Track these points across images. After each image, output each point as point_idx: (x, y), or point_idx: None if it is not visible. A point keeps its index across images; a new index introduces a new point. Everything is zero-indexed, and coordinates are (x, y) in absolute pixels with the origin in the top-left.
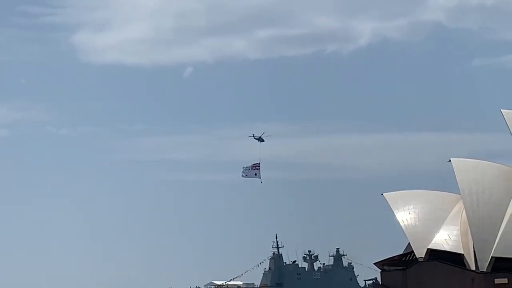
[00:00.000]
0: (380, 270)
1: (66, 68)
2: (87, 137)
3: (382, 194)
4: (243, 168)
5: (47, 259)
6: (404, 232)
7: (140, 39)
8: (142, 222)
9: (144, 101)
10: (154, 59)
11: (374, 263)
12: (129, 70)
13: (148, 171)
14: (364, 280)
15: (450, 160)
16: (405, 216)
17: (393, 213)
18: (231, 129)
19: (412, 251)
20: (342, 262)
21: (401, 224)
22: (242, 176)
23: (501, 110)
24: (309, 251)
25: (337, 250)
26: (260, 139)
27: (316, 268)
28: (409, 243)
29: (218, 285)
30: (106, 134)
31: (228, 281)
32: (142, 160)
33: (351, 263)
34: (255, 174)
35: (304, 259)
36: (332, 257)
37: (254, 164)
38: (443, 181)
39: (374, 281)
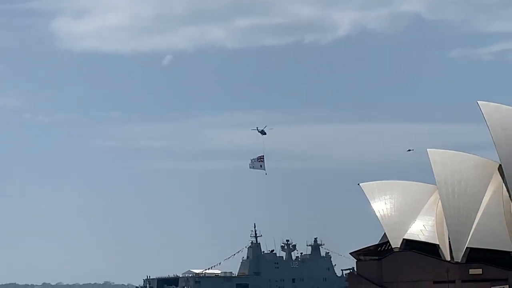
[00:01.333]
0: (356, 260)
1: (44, 54)
2: (63, 124)
3: (358, 184)
4: (250, 159)
5: (19, 244)
6: (380, 222)
7: (120, 26)
8: (119, 210)
9: (122, 88)
10: (133, 47)
11: (350, 253)
12: (108, 57)
13: (124, 158)
14: (342, 270)
15: (410, 150)
16: (381, 206)
17: (369, 203)
18: (210, 118)
19: (388, 241)
20: (319, 251)
21: (377, 214)
22: (250, 167)
23: (478, 101)
24: (287, 241)
25: (315, 239)
26: (263, 132)
27: (294, 257)
28: (385, 233)
29: (196, 273)
30: (83, 121)
31: (206, 269)
32: (119, 147)
33: (328, 252)
34: (260, 166)
35: (282, 248)
36: (310, 247)
37: (259, 157)
38: (419, 171)
39: (351, 270)
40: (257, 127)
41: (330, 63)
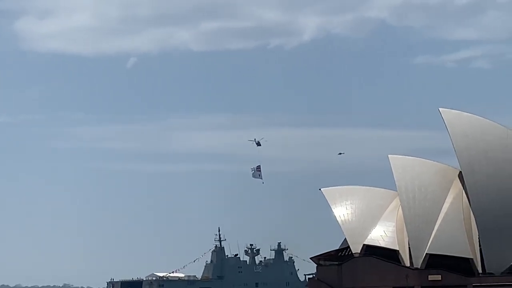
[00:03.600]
0: (316, 265)
1: (7, 55)
2: (27, 125)
3: (320, 189)
4: (251, 168)
5: None
6: (340, 227)
7: (84, 28)
8: (81, 212)
9: (85, 90)
10: (97, 49)
11: (310, 258)
12: (72, 58)
13: (87, 160)
14: (304, 275)
15: (341, 154)
16: (342, 211)
17: (331, 208)
18: (174, 120)
19: (348, 246)
20: (283, 256)
21: (338, 219)
22: (252, 176)
23: (439, 108)
24: (251, 245)
25: (279, 244)
26: (258, 144)
27: (257, 261)
28: (345, 238)
29: (160, 277)
30: (46, 122)
31: (169, 273)
32: (82, 149)
33: (292, 257)
34: (259, 175)
35: (246, 252)
36: (274, 251)
37: (257, 166)
38: (380, 177)
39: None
40: (254, 139)
41: (295, 67)
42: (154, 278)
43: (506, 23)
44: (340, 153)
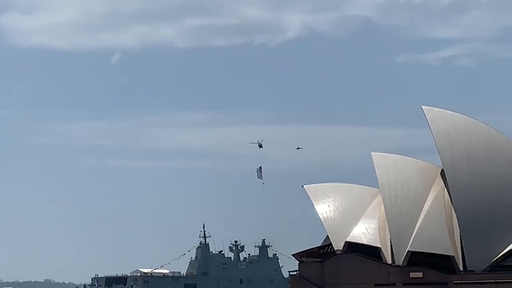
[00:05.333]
0: (298, 262)
1: None
2: (8, 121)
3: (302, 186)
4: (256, 169)
5: None
6: (323, 224)
7: (68, 23)
8: (63, 208)
9: (69, 86)
10: (81, 44)
11: (293, 255)
12: (55, 54)
13: (69, 156)
14: (288, 271)
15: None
16: (324, 208)
17: (313, 205)
18: (157, 117)
19: (331, 244)
20: (267, 253)
21: (320, 216)
22: (257, 177)
23: (422, 106)
24: (236, 241)
25: (263, 241)
26: (260, 145)
27: (241, 258)
28: (327, 235)
29: (144, 273)
30: (28, 118)
31: (154, 269)
32: (63, 145)
33: (276, 254)
34: (260, 176)
35: (230, 249)
36: (258, 248)
37: (260, 167)
38: (363, 175)
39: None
40: (257, 140)
41: (279, 65)
42: (138, 274)
43: (489, 22)
44: (298, 148)
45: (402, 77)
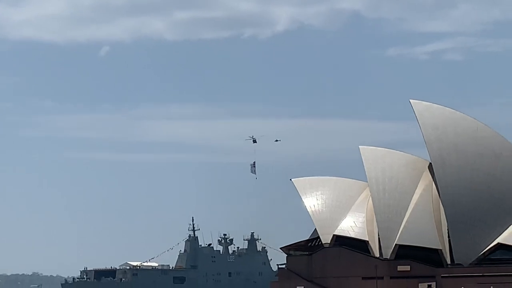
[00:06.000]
0: (286, 255)
1: None
2: None
3: (290, 180)
4: (250, 164)
5: None
6: (311, 217)
7: (57, 16)
8: (51, 201)
9: (57, 78)
10: (70, 37)
11: (281, 248)
12: (44, 46)
13: (57, 149)
14: (277, 265)
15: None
16: (312, 201)
17: (301, 198)
18: (146, 110)
19: (318, 237)
20: (256, 246)
21: (308, 209)
22: (251, 172)
23: (410, 100)
24: (224, 235)
25: (252, 234)
26: (255, 141)
27: (230, 251)
28: (315, 228)
29: (133, 266)
30: (16, 110)
31: (143, 262)
32: (51, 138)
33: (265, 247)
34: (254, 171)
35: (219, 242)
36: (247, 241)
37: (254, 162)
38: (351, 168)
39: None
40: (251, 136)
41: (268, 58)
42: (127, 267)
43: (477, 16)
44: (276, 140)
45: (390, 71)
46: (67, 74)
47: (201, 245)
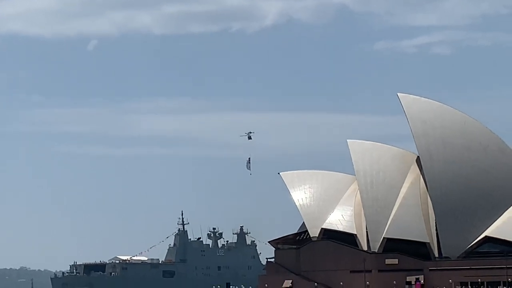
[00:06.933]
0: (274, 249)
1: None
2: None
3: (279, 173)
4: (246, 161)
5: None
6: (299, 211)
7: (46, 10)
8: (41, 196)
9: (45, 72)
10: (58, 31)
11: (269, 241)
12: (32, 40)
13: (45, 143)
14: (266, 258)
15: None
16: (300, 195)
17: (289, 192)
18: (134, 104)
19: (307, 230)
20: (245, 240)
21: (296, 203)
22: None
23: (398, 94)
24: (214, 229)
25: (241, 228)
26: (249, 137)
27: (220, 245)
28: (303, 222)
29: (123, 260)
30: (4, 104)
31: (132, 256)
32: (39, 132)
33: (254, 241)
34: (249, 167)
35: (209, 236)
36: (236, 235)
37: (249, 158)
38: (339, 162)
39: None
40: (248, 132)
41: (256, 52)
42: (117, 261)
43: (465, 9)
44: (250, 132)
45: (378, 64)
46: (55, 68)
47: (190, 239)
